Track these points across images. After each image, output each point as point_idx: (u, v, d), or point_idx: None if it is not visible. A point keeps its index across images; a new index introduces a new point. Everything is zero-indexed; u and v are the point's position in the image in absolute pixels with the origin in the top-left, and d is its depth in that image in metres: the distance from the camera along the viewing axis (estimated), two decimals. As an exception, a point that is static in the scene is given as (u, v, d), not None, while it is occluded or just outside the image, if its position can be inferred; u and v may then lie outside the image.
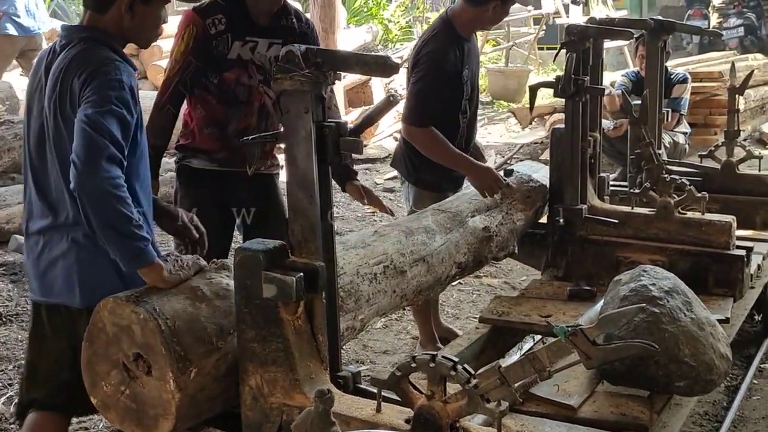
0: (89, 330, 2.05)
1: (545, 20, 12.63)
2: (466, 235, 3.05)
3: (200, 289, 2.09)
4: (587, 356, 1.70)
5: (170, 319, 1.98)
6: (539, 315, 3.09)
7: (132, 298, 2.01)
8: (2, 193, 5.51)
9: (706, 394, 2.66)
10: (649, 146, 3.63)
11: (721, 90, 7.79)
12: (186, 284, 2.09)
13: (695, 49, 13.63)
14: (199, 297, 2.06)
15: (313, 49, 1.89)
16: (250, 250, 1.98)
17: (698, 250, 3.33)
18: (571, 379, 2.55)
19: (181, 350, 1.96)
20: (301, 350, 1.99)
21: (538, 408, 2.42)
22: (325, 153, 1.94)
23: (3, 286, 4.41)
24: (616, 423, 2.36)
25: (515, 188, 3.46)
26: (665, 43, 4.38)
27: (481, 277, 4.73)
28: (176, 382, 1.95)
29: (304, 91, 1.89)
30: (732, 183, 4.20)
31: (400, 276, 2.63)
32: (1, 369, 3.53)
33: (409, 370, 1.83)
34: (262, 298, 1.96)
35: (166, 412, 1.99)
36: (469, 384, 1.76)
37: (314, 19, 7.68)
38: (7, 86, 7.56)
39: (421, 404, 1.82)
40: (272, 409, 2.03)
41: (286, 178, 2.00)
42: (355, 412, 1.91)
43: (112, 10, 2.13)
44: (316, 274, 1.96)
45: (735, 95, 4.42)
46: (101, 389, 2.09)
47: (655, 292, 2.52)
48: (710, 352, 2.45)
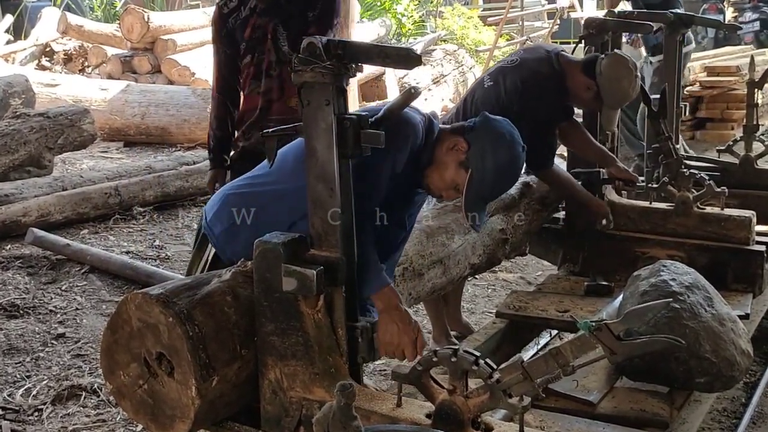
0: (113, 318, 2.04)
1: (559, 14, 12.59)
2: (483, 236, 3.04)
3: (230, 294, 2.06)
4: (612, 351, 1.68)
5: (198, 325, 1.94)
6: (556, 310, 3.08)
7: (162, 297, 1.97)
8: (18, 186, 5.53)
9: (726, 390, 2.64)
10: (668, 141, 3.61)
11: (738, 84, 7.73)
12: (217, 288, 2.05)
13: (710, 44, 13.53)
14: (228, 302, 2.04)
15: (334, 40, 1.88)
16: (269, 242, 1.97)
17: (717, 246, 3.32)
18: (590, 374, 2.54)
19: (206, 357, 1.93)
20: (321, 344, 1.98)
21: (557, 404, 2.41)
22: (346, 145, 1.93)
23: (20, 278, 4.43)
24: (636, 419, 2.35)
25: (535, 188, 3.45)
26: (683, 36, 4.35)
27: (497, 272, 4.71)
28: (198, 388, 1.93)
29: (325, 83, 1.88)
30: (751, 178, 4.16)
31: (417, 278, 2.62)
32: (19, 361, 3.54)
33: (431, 364, 1.82)
34: (282, 291, 1.95)
35: (184, 416, 1.97)
36: (492, 379, 1.75)
37: (328, 12, 7.67)
38: (23, 79, 7.58)
39: (443, 399, 1.80)
40: (292, 403, 2.02)
41: (305, 170, 1.99)
42: (375, 407, 1.90)
43: None
44: (336, 267, 1.95)
45: (754, 89, 4.37)
46: (119, 377, 2.07)
47: (676, 288, 2.51)
48: (731, 348, 2.44)
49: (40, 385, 3.32)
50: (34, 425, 3.03)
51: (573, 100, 3.34)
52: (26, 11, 13.15)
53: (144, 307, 1.98)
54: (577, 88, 3.22)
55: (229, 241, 2.32)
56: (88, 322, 3.97)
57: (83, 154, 7.43)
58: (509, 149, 2.21)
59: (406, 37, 12.69)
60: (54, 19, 11.11)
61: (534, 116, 3.03)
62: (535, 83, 3.16)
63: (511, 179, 2.32)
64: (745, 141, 4.34)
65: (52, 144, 6.21)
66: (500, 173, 2.21)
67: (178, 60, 9.69)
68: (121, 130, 8.52)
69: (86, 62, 11.03)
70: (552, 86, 3.18)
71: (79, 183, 5.80)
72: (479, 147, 2.18)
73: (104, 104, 8.50)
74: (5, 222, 5.05)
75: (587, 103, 3.35)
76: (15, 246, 4.96)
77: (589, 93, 3.21)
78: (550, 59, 3.24)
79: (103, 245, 5.05)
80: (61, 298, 4.22)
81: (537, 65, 3.20)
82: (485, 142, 2.19)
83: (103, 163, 7.39)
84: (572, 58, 3.31)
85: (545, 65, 3.22)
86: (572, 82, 3.22)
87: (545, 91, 3.16)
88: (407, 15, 13.04)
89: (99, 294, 4.31)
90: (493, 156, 2.17)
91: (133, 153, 8.18)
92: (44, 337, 3.77)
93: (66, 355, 3.61)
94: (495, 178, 2.20)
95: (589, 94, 3.21)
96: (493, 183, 2.21)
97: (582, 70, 3.21)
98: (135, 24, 9.88)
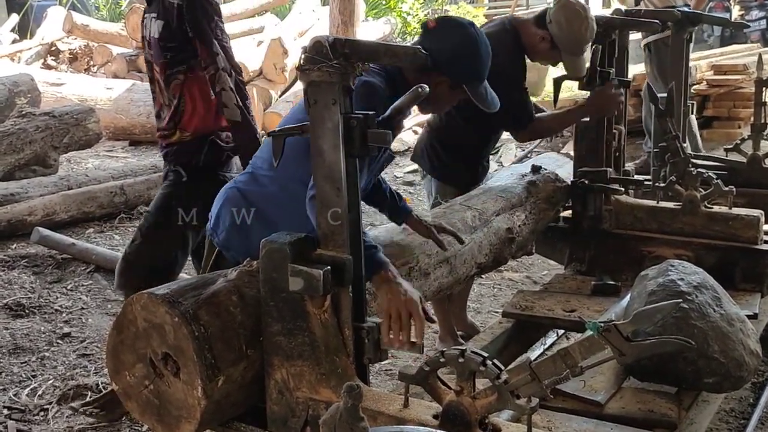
0: (118, 319, 2.04)
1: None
2: (490, 235, 3.02)
3: (236, 294, 2.05)
4: (621, 352, 1.67)
5: (204, 325, 1.94)
6: (563, 310, 3.06)
7: (168, 297, 1.96)
8: (24, 185, 5.54)
9: (735, 390, 2.62)
10: (675, 139, 3.59)
11: (745, 83, 7.70)
12: (222, 288, 2.05)
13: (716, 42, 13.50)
14: (234, 302, 2.03)
15: (341, 39, 1.86)
16: (276, 242, 1.96)
17: (725, 245, 3.29)
18: (598, 375, 2.52)
19: (212, 357, 1.93)
20: (328, 344, 1.97)
21: (565, 404, 2.40)
22: (353, 145, 1.92)
23: (26, 278, 4.44)
24: (644, 420, 2.34)
25: (541, 187, 3.43)
26: (690, 34, 4.33)
27: (503, 271, 4.70)
28: (204, 389, 1.92)
29: (331, 82, 1.87)
30: (759, 177, 4.13)
31: (423, 278, 2.61)
32: (24, 361, 3.54)
33: (438, 364, 1.81)
34: (289, 291, 1.94)
35: (190, 416, 1.97)
36: (499, 379, 1.73)
37: (333, 11, 7.68)
38: (29, 79, 7.59)
39: (450, 400, 1.79)
40: (298, 403, 2.01)
41: (312, 170, 1.98)
42: (382, 407, 1.88)
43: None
44: (343, 267, 1.94)
45: (762, 87, 4.35)
46: (124, 378, 2.07)
47: (684, 288, 2.49)
48: (740, 348, 2.42)
49: (46, 384, 3.32)
50: (39, 425, 3.03)
51: (533, 56, 3.45)
52: (32, 10, 13.19)
53: (149, 307, 1.98)
54: (532, 43, 3.35)
55: (231, 239, 2.32)
56: (94, 321, 3.97)
57: (88, 153, 7.44)
58: (455, 32, 2.35)
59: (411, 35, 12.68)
60: (59, 18, 11.14)
61: (498, 74, 3.14)
62: (493, 41, 3.30)
63: (476, 47, 2.38)
64: (753, 140, 4.31)
65: (57, 143, 6.22)
66: (463, 51, 2.33)
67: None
68: (127, 129, 8.53)
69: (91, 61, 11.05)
70: (507, 44, 3.31)
71: (84, 182, 5.81)
72: (444, 56, 2.25)
73: (110, 103, 8.51)
74: (11, 221, 5.06)
75: (546, 54, 3.40)
76: (20, 245, 4.96)
77: (545, 43, 3.32)
78: (503, 23, 3.46)
79: (108, 244, 5.05)
80: (66, 298, 4.22)
81: (491, 30, 3.37)
82: (444, 50, 2.27)
83: (108, 162, 7.40)
84: (524, 17, 3.46)
85: (499, 28, 3.40)
86: (527, 37, 3.36)
87: (501, 47, 3.22)
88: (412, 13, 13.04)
89: (104, 293, 4.31)
90: (453, 47, 2.30)
91: (138, 152, 8.20)
92: (50, 336, 3.77)
93: (71, 354, 3.61)
94: (467, 57, 2.33)
95: (545, 45, 3.33)
96: (467, 63, 2.34)
97: (534, 24, 3.34)
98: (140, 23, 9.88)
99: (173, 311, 1.94)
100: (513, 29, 3.37)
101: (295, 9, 11.39)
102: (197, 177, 2.94)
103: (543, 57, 3.44)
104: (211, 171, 2.96)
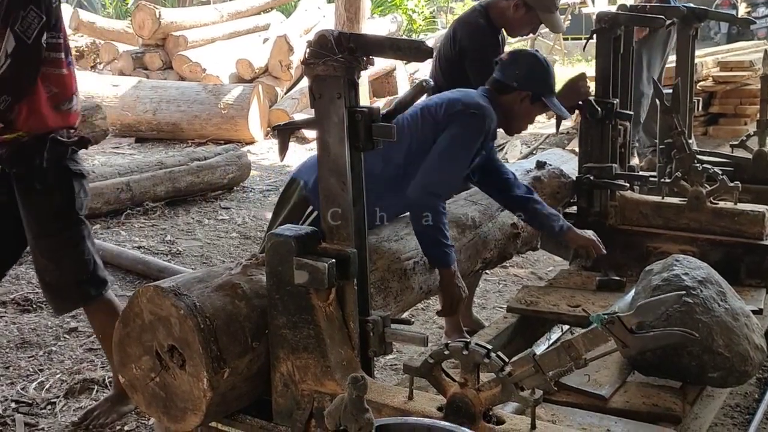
0: (125, 312, 2.05)
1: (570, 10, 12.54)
2: (495, 230, 3.03)
3: (241, 287, 2.06)
4: (624, 344, 1.67)
5: (209, 318, 1.95)
6: (568, 305, 3.06)
7: (173, 290, 1.98)
8: (31, 181, 5.55)
9: (740, 385, 2.62)
10: (680, 135, 3.58)
11: (751, 79, 7.68)
12: (228, 281, 2.07)
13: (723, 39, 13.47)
14: (239, 295, 2.04)
15: (346, 33, 1.87)
16: (282, 235, 1.97)
17: (730, 241, 3.29)
18: (602, 369, 2.52)
19: (217, 350, 1.94)
20: (333, 337, 1.98)
21: (569, 398, 2.40)
22: (358, 139, 1.93)
23: (33, 273, 4.45)
24: (648, 414, 2.34)
25: (546, 182, 3.43)
26: (696, 31, 4.32)
27: (508, 267, 4.70)
28: (210, 381, 1.94)
29: (336, 76, 1.88)
30: (764, 173, 4.13)
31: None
32: (32, 355, 3.56)
33: (442, 357, 1.81)
34: (294, 284, 1.95)
35: (195, 408, 1.98)
36: (503, 372, 1.74)
37: (339, 9, 7.68)
38: (35, 76, 7.60)
39: (454, 392, 1.80)
40: (303, 396, 2.02)
41: (317, 163, 1.99)
42: (387, 399, 1.90)
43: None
44: (347, 260, 1.95)
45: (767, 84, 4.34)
46: (131, 370, 2.08)
47: (689, 282, 2.48)
48: (744, 343, 2.42)
49: (53, 378, 3.34)
50: (47, 418, 3.05)
51: (513, 30, 3.56)
52: (38, 8, 13.17)
53: (155, 300, 1.99)
54: (507, 15, 3.46)
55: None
56: (100, 316, 3.98)
57: (95, 149, 7.46)
58: (527, 57, 2.85)
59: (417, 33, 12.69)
60: (66, 15, 11.14)
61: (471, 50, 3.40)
62: (465, 24, 3.55)
63: (547, 66, 2.85)
64: (759, 136, 4.30)
65: (64, 140, 6.23)
66: (537, 69, 2.81)
67: (189, 56, 9.71)
68: (133, 125, 8.55)
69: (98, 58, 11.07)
70: (479, 22, 3.45)
71: (90, 178, 5.77)
72: (523, 76, 2.77)
73: (116, 100, 8.53)
74: (18, 217, 5.07)
75: (523, 21, 3.48)
76: (28, 241, 4.97)
77: (519, 9, 3.43)
78: (475, 7, 3.64)
79: (114, 240, 5.07)
80: (73, 293, 4.24)
81: (465, 17, 3.60)
82: (522, 72, 2.77)
83: (114, 159, 7.43)
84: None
85: (471, 11, 3.60)
86: (500, 12, 3.47)
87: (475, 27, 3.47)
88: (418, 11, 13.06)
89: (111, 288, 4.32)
90: (528, 68, 2.79)
91: (144, 149, 8.22)
92: (57, 331, 3.79)
93: (78, 348, 3.63)
94: (541, 74, 2.80)
95: (519, 12, 3.43)
96: (542, 78, 2.80)
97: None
98: (146, 20, 9.92)
99: (179, 304, 1.95)
100: (484, 10, 3.49)
101: (301, 6, 11.42)
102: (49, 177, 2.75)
103: (522, 25, 3.52)
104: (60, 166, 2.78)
